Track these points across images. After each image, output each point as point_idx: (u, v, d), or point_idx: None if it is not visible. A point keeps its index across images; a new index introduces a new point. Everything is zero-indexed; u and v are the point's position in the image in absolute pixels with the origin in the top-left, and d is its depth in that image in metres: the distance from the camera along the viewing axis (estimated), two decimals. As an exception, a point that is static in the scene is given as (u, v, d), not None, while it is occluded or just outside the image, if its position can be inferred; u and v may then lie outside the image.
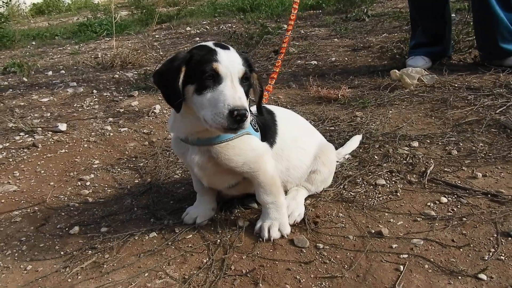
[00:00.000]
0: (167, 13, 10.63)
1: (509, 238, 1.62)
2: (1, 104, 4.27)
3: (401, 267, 1.53)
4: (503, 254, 1.55)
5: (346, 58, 4.73)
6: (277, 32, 6.17)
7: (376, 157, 2.38)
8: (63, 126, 3.40)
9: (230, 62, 1.52)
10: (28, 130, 3.37)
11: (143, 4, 11.35)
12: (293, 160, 1.92)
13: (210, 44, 1.61)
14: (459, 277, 1.46)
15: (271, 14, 8.11)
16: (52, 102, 4.24)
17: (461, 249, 1.60)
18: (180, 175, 2.44)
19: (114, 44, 6.45)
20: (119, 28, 8.52)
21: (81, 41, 8.39)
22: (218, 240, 1.79)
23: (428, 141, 2.49)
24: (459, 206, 1.86)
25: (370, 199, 1.99)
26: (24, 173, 2.66)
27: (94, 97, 4.26)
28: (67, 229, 2.00)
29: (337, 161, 2.26)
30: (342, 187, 2.11)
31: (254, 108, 1.80)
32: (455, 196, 1.94)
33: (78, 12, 15.84)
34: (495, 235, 1.65)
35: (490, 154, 2.25)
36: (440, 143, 2.45)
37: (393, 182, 2.12)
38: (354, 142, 2.46)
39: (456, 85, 3.35)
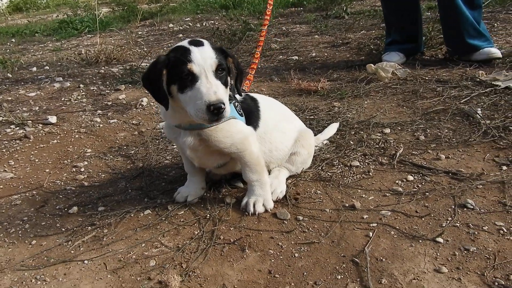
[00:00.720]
0: (149, 10, 10.72)
1: (465, 209, 1.84)
2: (-12, 99, 4.35)
3: (371, 233, 1.74)
4: (458, 222, 1.77)
5: (326, 54, 4.95)
6: (259, 29, 6.33)
7: (351, 142, 2.59)
8: (53, 119, 3.51)
9: (203, 59, 1.67)
10: (19, 123, 3.48)
11: (124, 1, 11.41)
12: (275, 143, 2.12)
13: (185, 43, 1.75)
14: (420, 241, 1.68)
15: (253, 11, 8.30)
16: (40, 97, 4.33)
17: (423, 218, 1.81)
18: (170, 160, 2.61)
19: (98, 41, 6.54)
20: (101, 25, 8.58)
21: (63, 38, 8.42)
22: (208, 215, 1.97)
23: (399, 128, 2.72)
24: (423, 183, 2.08)
25: (345, 178, 2.20)
26: (19, 162, 2.79)
27: (81, 91, 4.38)
28: (66, 209, 2.15)
29: (316, 146, 2.46)
30: (320, 168, 2.32)
31: (238, 96, 1.99)
32: (420, 174, 2.16)
33: (57, 9, 15.73)
34: (453, 207, 1.87)
35: (453, 139, 2.49)
36: (409, 130, 2.67)
37: (366, 164, 2.33)
38: (332, 129, 2.67)
39: (426, 78, 3.59)
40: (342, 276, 1.53)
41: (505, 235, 1.66)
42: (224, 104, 1.62)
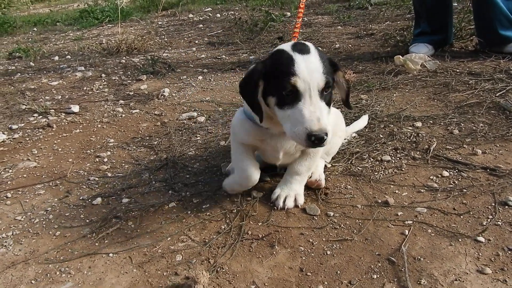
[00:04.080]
0: (169, 0, 10.65)
1: (506, 207, 1.75)
2: (12, 87, 4.36)
3: (406, 231, 1.66)
4: (500, 220, 1.67)
5: (350, 45, 4.83)
6: (281, 19, 6.24)
7: (381, 135, 2.49)
8: (75, 108, 3.49)
9: (309, 73, 1.45)
10: (42, 111, 3.47)
11: (145, -9, 11.36)
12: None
13: (288, 48, 1.54)
14: (460, 240, 1.59)
15: (276, 1, 8.16)
16: (62, 86, 4.33)
17: (461, 216, 1.72)
18: (194, 152, 2.55)
19: (120, 30, 6.52)
20: (122, 15, 8.56)
21: (84, 28, 8.43)
22: (235, 209, 1.91)
23: (431, 121, 2.61)
24: (459, 179, 1.98)
25: (377, 173, 2.11)
26: (42, 151, 2.77)
27: (103, 81, 4.35)
28: (89, 200, 2.12)
29: (345, 139, 2.37)
30: (350, 162, 2.23)
31: None
32: (456, 170, 2.06)
33: (79, -1, 15.81)
34: (493, 204, 1.77)
35: (490, 134, 2.37)
36: (442, 124, 2.56)
37: (398, 158, 2.23)
38: (362, 121, 2.57)
39: (457, 70, 3.45)
40: (378, 276, 1.46)
41: (552, 236, 1.56)
42: (327, 135, 1.43)
